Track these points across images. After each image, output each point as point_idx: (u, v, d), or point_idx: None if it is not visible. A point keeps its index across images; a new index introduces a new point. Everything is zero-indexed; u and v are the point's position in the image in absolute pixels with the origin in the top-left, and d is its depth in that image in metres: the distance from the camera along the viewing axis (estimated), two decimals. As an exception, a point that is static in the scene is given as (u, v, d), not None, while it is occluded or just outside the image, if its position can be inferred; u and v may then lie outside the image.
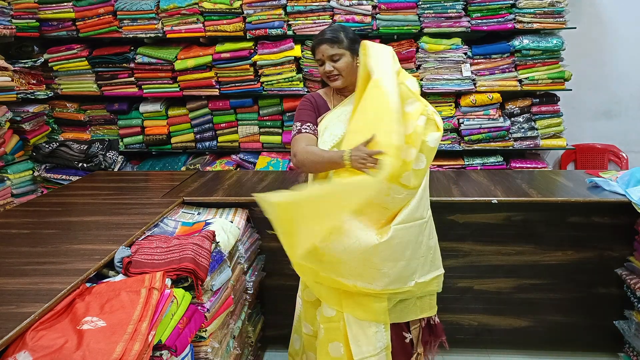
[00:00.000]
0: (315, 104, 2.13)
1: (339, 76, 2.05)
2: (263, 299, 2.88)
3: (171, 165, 3.96)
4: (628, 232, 2.62)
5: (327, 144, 2.03)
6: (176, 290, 1.80)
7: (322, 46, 2.03)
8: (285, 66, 3.76)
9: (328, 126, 2.06)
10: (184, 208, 2.67)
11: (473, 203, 2.63)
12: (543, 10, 3.61)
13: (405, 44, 3.75)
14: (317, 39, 2.07)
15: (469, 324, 2.80)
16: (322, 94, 2.19)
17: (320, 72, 2.09)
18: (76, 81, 3.96)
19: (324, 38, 2.04)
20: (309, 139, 2.06)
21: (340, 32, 2.05)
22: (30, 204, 2.76)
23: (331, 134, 2.04)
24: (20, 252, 1.98)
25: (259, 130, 3.97)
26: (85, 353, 1.39)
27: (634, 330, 2.53)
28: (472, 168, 3.74)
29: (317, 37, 2.08)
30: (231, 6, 3.69)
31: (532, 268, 2.70)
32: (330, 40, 2.03)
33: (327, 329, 2.02)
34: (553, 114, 3.79)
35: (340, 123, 2.05)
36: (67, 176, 3.67)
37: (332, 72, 2.04)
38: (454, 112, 3.81)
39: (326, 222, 1.83)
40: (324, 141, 2.04)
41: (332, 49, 2.02)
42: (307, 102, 2.15)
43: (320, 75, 2.14)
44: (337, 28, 2.08)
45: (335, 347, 2.00)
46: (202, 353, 1.95)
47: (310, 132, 2.08)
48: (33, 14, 3.78)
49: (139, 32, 3.83)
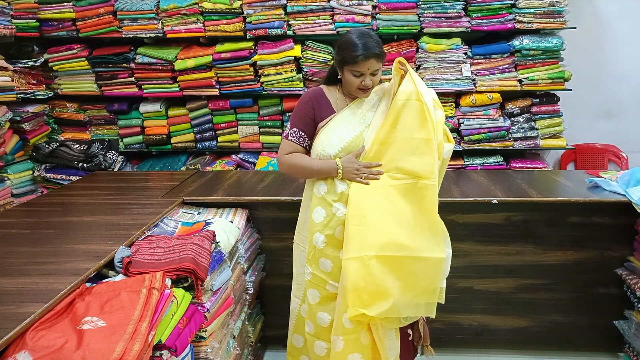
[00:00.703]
0: (315, 103, 2.09)
1: (370, 90, 2.05)
2: (263, 299, 2.88)
3: (171, 165, 3.96)
4: (628, 232, 2.62)
5: (335, 147, 2.03)
6: (176, 290, 1.80)
7: (371, 60, 1.94)
8: (285, 66, 3.76)
9: (336, 129, 2.06)
10: (184, 208, 2.67)
11: (473, 203, 2.63)
12: (543, 10, 3.61)
13: (405, 44, 3.75)
14: (364, 51, 1.92)
15: (469, 324, 2.80)
16: (326, 90, 2.13)
17: (353, 81, 1.99)
18: (76, 81, 3.96)
19: (373, 52, 1.93)
20: (292, 147, 2.09)
21: (382, 46, 1.99)
22: (30, 204, 2.76)
23: (339, 137, 2.04)
24: (20, 252, 1.98)
25: (259, 130, 3.97)
26: (85, 353, 1.39)
27: (634, 330, 2.53)
28: (472, 168, 3.74)
29: (361, 48, 1.92)
30: (231, 6, 3.69)
31: (532, 268, 2.70)
32: (378, 56, 1.96)
33: (346, 341, 2.02)
34: (553, 114, 3.79)
35: (348, 126, 2.05)
36: (67, 176, 3.67)
37: (368, 86, 2.00)
38: (454, 112, 3.81)
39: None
40: (332, 144, 2.04)
41: (378, 63, 1.97)
42: (305, 103, 2.10)
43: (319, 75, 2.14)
44: (378, 40, 1.99)
45: (354, 358, 2.02)
46: (202, 353, 1.95)
47: (294, 140, 2.10)
48: (33, 14, 3.78)
49: (139, 32, 3.83)
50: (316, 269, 2.13)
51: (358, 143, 2.04)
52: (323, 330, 2.13)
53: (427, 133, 1.94)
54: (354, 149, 2.04)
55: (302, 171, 2.09)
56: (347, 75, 1.99)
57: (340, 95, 2.11)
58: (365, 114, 2.07)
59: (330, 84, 2.15)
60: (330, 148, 2.03)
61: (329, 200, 2.07)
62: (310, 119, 2.09)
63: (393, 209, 1.96)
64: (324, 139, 2.06)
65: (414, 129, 1.96)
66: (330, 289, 2.11)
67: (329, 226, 2.07)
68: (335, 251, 2.07)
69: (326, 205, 2.08)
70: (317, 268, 2.12)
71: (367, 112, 2.08)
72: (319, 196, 2.10)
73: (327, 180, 2.07)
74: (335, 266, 2.07)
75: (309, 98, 2.11)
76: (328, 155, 2.04)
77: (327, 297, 2.12)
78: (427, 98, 1.96)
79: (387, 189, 1.99)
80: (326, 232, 2.08)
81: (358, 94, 2.06)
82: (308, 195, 2.17)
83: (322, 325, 2.13)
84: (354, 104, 2.09)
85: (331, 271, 2.09)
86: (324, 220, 2.08)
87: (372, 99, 2.10)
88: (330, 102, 2.11)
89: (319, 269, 2.12)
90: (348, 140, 2.03)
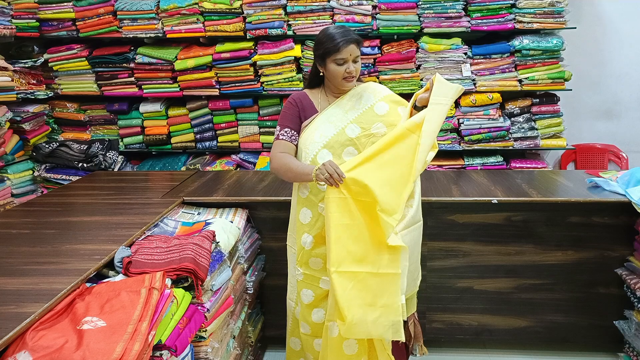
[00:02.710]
0: (300, 105, 2.13)
1: (354, 78, 2.06)
2: (263, 299, 2.88)
3: (171, 165, 3.96)
4: (628, 232, 2.62)
5: (317, 144, 2.05)
6: (176, 290, 1.80)
7: (351, 46, 2.01)
8: (285, 66, 3.76)
9: (318, 127, 2.08)
10: (184, 208, 2.67)
11: (473, 203, 2.63)
12: (543, 10, 3.61)
13: (405, 44, 3.75)
14: (343, 37, 1.99)
15: (469, 324, 2.80)
16: (309, 93, 2.18)
17: (337, 71, 2.03)
18: (76, 81, 3.96)
19: (352, 38, 2.01)
20: (284, 146, 2.09)
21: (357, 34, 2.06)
22: (30, 204, 2.76)
23: (321, 135, 2.06)
24: (20, 252, 1.98)
25: (259, 130, 3.97)
26: (85, 353, 1.39)
27: (634, 330, 2.53)
28: (472, 168, 3.74)
29: (340, 35, 2.00)
30: (231, 6, 3.69)
31: (532, 268, 2.70)
32: (357, 42, 2.03)
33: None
34: (553, 114, 3.79)
35: (330, 124, 2.08)
36: (67, 176, 3.67)
37: (352, 73, 2.04)
38: (454, 112, 3.81)
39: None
40: (314, 141, 2.06)
41: (358, 49, 2.03)
42: (290, 105, 2.15)
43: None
44: (353, 30, 2.08)
45: (349, 344, 2.02)
46: (202, 353, 1.95)
47: (287, 139, 2.10)
48: (33, 14, 3.78)
49: (139, 32, 3.83)
50: (307, 269, 2.14)
51: (339, 140, 2.05)
52: (321, 328, 2.13)
53: (409, 176, 1.93)
54: (335, 145, 2.04)
55: (287, 169, 2.04)
56: (331, 66, 2.03)
57: (322, 96, 2.15)
58: (347, 112, 2.09)
59: (312, 88, 2.20)
60: (312, 145, 2.05)
61: (314, 200, 2.08)
62: (297, 117, 2.13)
63: (351, 223, 1.92)
64: (306, 137, 2.09)
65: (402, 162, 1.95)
66: (324, 285, 2.11)
67: (317, 226, 2.08)
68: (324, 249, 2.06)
69: (312, 205, 2.09)
70: (308, 267, 2.14)
71: (349, 111, 2.09)
72: (304, 197, 2.11)
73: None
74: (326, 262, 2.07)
75: (293, 100, 2.16)
76: (310, 153, 2.05)
77: (321, 295, 2.12)
78: (425, 140, 1.93)
79: (349, 202, 1.92)
80: (314, 232, 2.09)
81: (342, 85, 2.08)
82: (294, 196, 2.19)
83: (319, 322, 2.13)
84: (336, 104, 2.11)
85: (322, 267, 2.10)
86: (311, 221, 2.09)
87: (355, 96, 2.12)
88: (313, 103, 2.15)
89: (309, 268, 2.13)
90: (329, 137, 2.05)
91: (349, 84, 2.07)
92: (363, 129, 2.06)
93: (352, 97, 2.12)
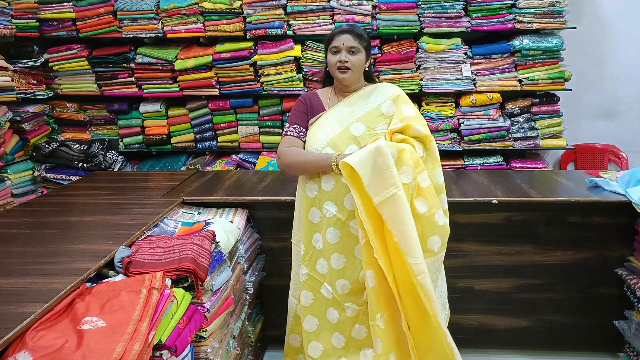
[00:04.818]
0: (309, 104, 2.17)
1: (349, 70, 2.06)
2: (263, 299, 2.88)
3: (171, 165, 3.96)
4: (628, 232, 2.61)
5: (321, 142, 2.06)
6: (176, 290, 1.80)
7: (345, 35, 2.04)
8: (285, 66, 3.76)
9: (323, 126, 2.09)
10: (184, 208, 2.67)
11: (473, 203, 2.63)
12: (543, 10, 3.61)
13: (405, 44, 3.75)
14: (338, 28, 2.08)
15: (469, 324, 2.80)
16: (320, 93, 2.21)
17: (331, 61, 2.07)
18: (76, 81, 3.96)
19: (347, 29, 2.06)
20: (292, 141, 2.11)
21: (362, 30, 2.09)
22: (30, 204, 2.76)
23: (326, 133, 2.07)
24: (20, 252, 1.98)
25: (259, 130, 3.97)
26: (85, 353, 1.39)
27: (634, 330, 2.53)
28: (472, 168, 3.74)
29: (338, 28, 2.10)
30: (231, 6, 3.69)
31: (532, 268, 2.70)
32: (354, 33, 2.05)
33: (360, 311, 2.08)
34: (553, 114, 3.79)
35: (336, 122, 2.08)
36: (67, 176, 3.67)
37: (346, 63, 2.04)
38: (454, 112, 3.81)
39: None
40: (318, 139, 2.07)
41: (354, 41, 2.04)
42: (300, 103, 2.19)
43: (319, 75, 2.16)
44: (358, 26, 2.12)
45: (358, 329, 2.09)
46: (202, 353, 1.95)
47: (294, 134, 2.13)
48: (33, 14, 3.78)
49: (139, 32, 3.83)
50: (312, 270, 2.13)
51: (343, 137, 2.05)
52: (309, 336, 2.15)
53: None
54: (339, 142, 2.05)
55: (301, 159, 2.06)
56: (328, 57, 2.09)
57: (332, 95, 2.17)
58: (353, 111, 2.09)
59: (325, 86, 2.24)
60: (317, 143, 2.07)
61: (321, 200, 2.08)
62: (305, 115, 2.16)
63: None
64: (312, 135, 2.11)
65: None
66: (325, 293, 2.11)
67: (324, 226, 2.08)
68: (330, 253, 2.07)
69: (320, 206, 2.09)
70: (314, 269, 2.13)
71: (356, 109, 2.09)
72: (312, 197, 2.11)
73: (316, 180, 2.08)
74: (330, 269, 2.08)
75: (303, 98, 2.20)
76: (314, 150, 2.07)
77: (319, 301, 2.12)
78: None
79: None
80: (323, 232, 2.08)
81: (337, 76, 2.09)
82: (300, 194, 2.19)
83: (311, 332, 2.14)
84: (343, 102, 2.12)
85: (327, 273, 2.09)
86: (321, 221, 2.09)
87: (363, 96, 2.12)
88: (322, 101, 2.17)
89: (315, 270, 2.13)
90: (333, 135, 2.06)
91: (343, 75, 2.06)
92: (368, 128, 2.06)
93: (361, 96, 2.12)
